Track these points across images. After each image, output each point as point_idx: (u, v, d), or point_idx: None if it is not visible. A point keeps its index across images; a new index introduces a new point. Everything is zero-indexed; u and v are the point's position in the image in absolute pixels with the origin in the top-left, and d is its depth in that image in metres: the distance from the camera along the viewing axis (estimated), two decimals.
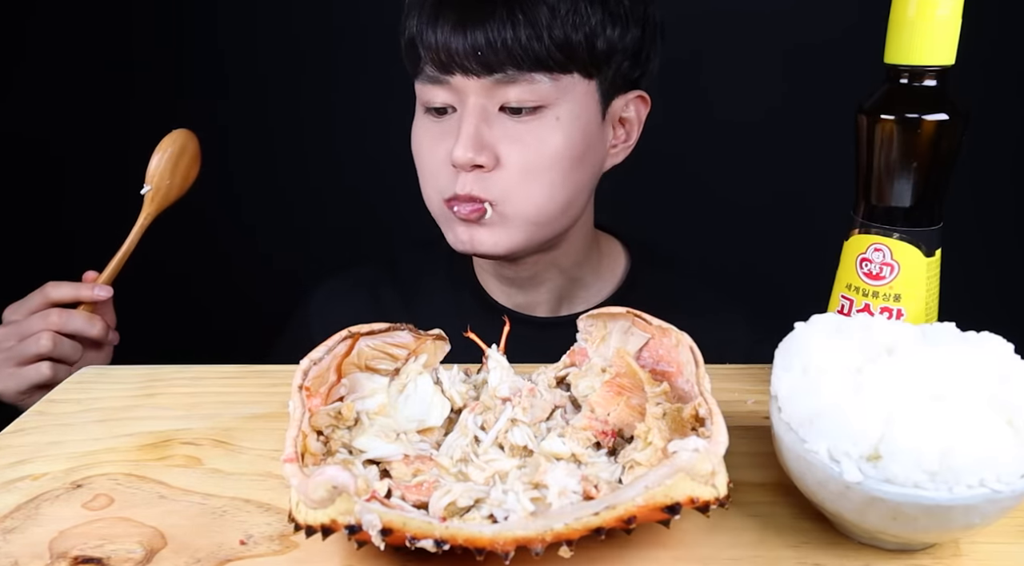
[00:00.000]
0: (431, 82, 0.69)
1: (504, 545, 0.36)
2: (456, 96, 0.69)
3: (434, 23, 0.67)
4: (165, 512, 0.45)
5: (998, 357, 0.39)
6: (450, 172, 0.70)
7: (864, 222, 0.51)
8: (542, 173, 0.70)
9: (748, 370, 0.60)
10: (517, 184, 0.70)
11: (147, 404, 0.58)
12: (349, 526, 0.36)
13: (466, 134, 0.67)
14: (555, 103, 0.69)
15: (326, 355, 0.48)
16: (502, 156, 0.69)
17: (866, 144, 0.50)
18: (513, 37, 0.65)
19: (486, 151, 0.68)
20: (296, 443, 0.41)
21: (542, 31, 0.65)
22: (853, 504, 0.38)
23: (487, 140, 0.68)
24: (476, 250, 0.73)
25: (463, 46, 0.66)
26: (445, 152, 0.70)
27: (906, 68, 0.48)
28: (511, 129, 0.69)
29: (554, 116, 0.69)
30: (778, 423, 0.41)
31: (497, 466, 0.43)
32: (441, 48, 0.67)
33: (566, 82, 0.69)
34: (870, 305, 0.51)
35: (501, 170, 0.69)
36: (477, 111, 0.68)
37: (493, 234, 0.72)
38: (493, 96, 0.68)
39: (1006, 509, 0.37)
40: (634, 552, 0.41)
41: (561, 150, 0.70)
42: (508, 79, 0.67)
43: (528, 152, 0.69)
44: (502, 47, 0.65)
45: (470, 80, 0.67)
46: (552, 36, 0.66)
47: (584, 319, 0.54)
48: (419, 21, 0.68)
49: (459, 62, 0.66)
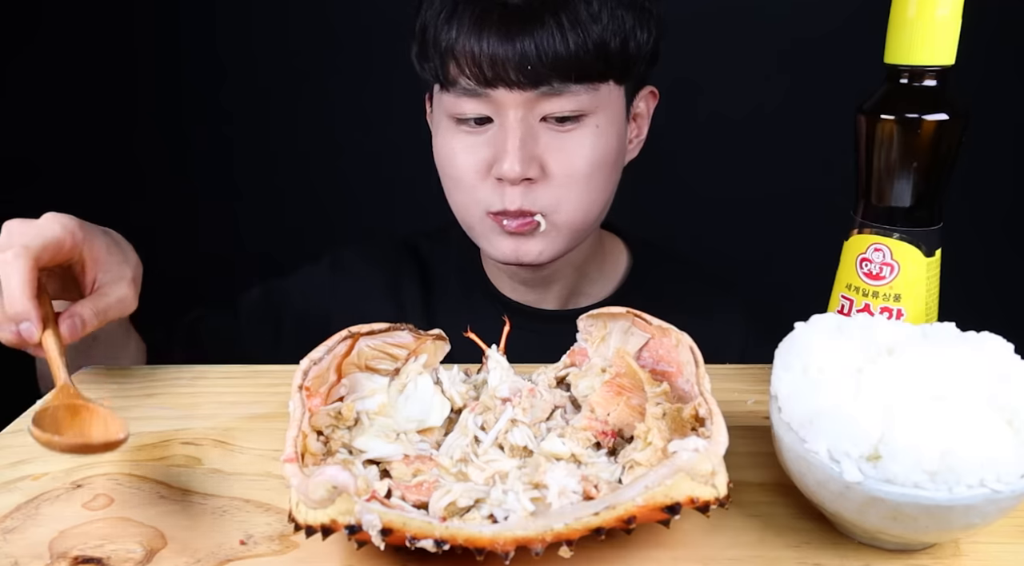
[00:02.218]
0: (467, 95, 0.67)
1: (504, 545, 0.36)
2: (494, 108, 0.68)
3: (477, 32, 0.64)
4: (165, 512, 0.45)
5: (998, 357, 0.39)
6: (491, 185, 0.70)
7: (864, 222, 0.51)
8: (588, 181, 0.70)
9: (748, 370, 0.60)
10: (565, 194, 0.70)
11: (147, 404, 0.58)
12: (349, 526, 0.36)
13: (514, 149, 0.66)
14: (594, 111, 0.69)
15: (326, 355, 0.48)
16: (548, 167, 0.69)
17: (866, 144, 0.50)
18: (563, 47, 0.64)
19: (534, 164, 0.68)
20: (296, 443, 0.41)
21: (587, 39, 0.65)
22: (853, 504, 0.38)
23: (533, 152, 0.68)
24: (520, 260, 0.72)
25: (511, 58, 0.64)
26: (484, 164, 0.69)
27: (906, 68, 0.48)
28: (554, 140, 0.69)
29: (594, 124, 0.70)
30: (778, 423, 0.41)
31: (497, 466, 0.43)
32: (485, 60, 0.64)
33: (603, 90, 0.69)
34: (870, 305, 0.51)
35: (547, 181, 0.69)
36: (522, 124, 0.67)
37: (539, 244, 0.71)
38: (534, 108, 0.67)
39: (1006, 509, 0.37)
40: (634, 552, 0.41)
41: (603, 156, 0.71)
42: (552, 92, 0.66)
43: (573, 162, 0.69)
44: (551, 58, 0.64)
45: (513, 93, 0.66)
46: (594, 43, 0.65)
47: (584, 319, 0.54)
48: (454, 31, 0.66)
49: (503, 75, 0.65)
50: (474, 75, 0.66)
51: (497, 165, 0.68)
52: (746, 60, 1.49)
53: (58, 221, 0.55)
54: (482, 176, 0.70)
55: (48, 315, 0.54)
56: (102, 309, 0.56)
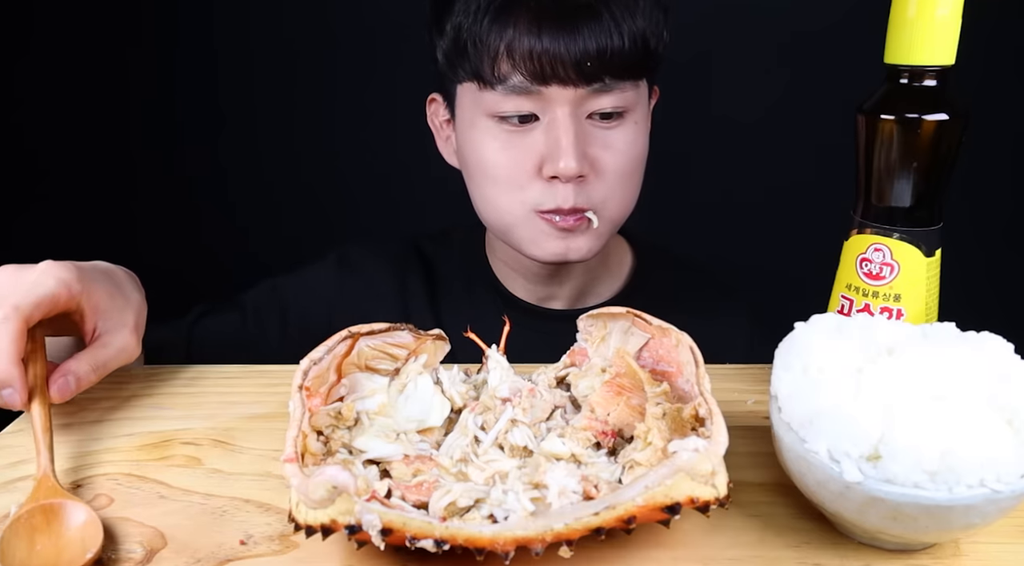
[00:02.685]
0: (516, 92, 0.67)
1: (504, 545, 0.36)
2: (542, 105, 0.67)
3: (535, 29, 0.64)
4: (165, 512, 0.45)
5: (998, 357, 0.39)
6: (540, 184, 0.69)
7: (864, 222, 0.51)
8: (631, 176, 0.72)
9: (748, 370, 0.60)
10: (613, 190, 0.70)
11: (147, 404, 0.58)
12: (349, 526, 0.36)
13: (570, 146, 0.66)
14: (634, 108, 0.70)
15: (326, 355, 0.48)
16: (597, 164, 0.69)
17: (866, 144, 0.50)
18: (619, 43, 0.64)
19: (586, 160, 0.68)
20: (296, 443, 0.41)
21: (636, 35, 0.66)
22: (853, 504, 0.38)
23: (585, 149, 0.68)
24: (568, 258, 0.72)
25: (572, 54, 0.64)
26: (532, 164, 0.68)
27: (906, 68, 0.48)
28: (601, 136, 0.69)
29: (633, 120, 0.71)
30: (778, 423, 0.41)
31: (497, 466, 0.43)
32: (543, 56, 0.64)
33: (641, 87, 0.71)
34: (870, 305, 0.51)
35: (596, 178, 0.69)
36: (573, 121, 0.67)
37: (587, 242, 0.72)
38: (583, 105, 0.67)
39: (1006, 509, 0.37)
40: (634, 552, 0.41)
41: (642, 152, 0.73)
42: (603, 88, 0.66)
43: (621, 158, 0.70)
44: (610, 55, 0.64)
45: (566, 90, 0.66)
46: (642, 40, 0.66)
47: (584, 319, 0.54)
48: (508, 27, 0.65)
49: (560, 71, 0.65)
50: (531, 72, 0.65)
51: (551, 163, 0.67)
52: (746, 61, 1.49)
53: (53, 274, 0.53)
54: (530, 175, 0.69)
55: (38, 377, 0.52)
56: (101, 363, 0.54)
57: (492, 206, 0.73)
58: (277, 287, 0.85)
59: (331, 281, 0.85)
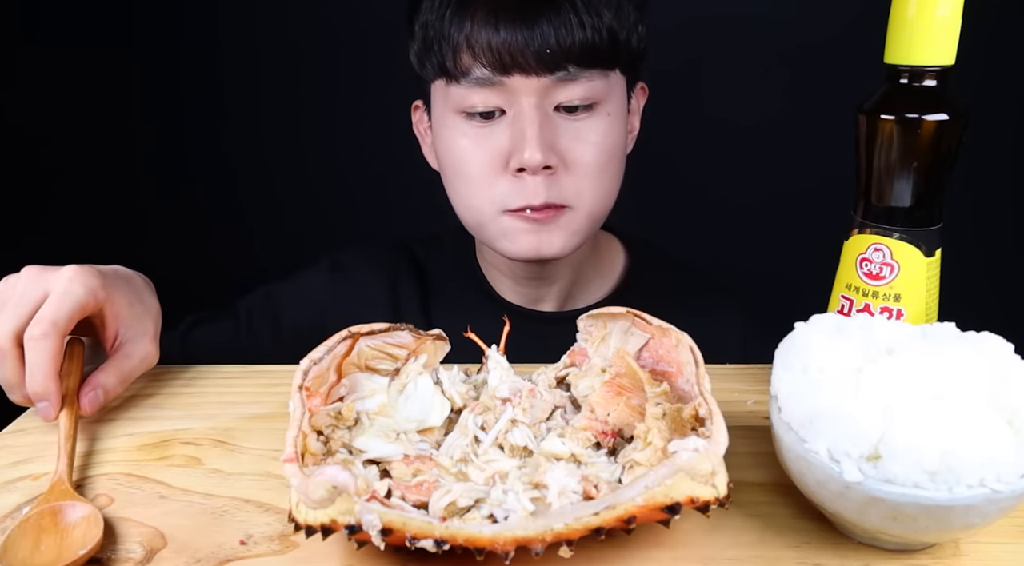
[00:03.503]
0: (480, 84, 0.66)
1: (504, 545, 0.36)
2: (507, 97, 0.67)
3: (494, 20, 0.64)
4: (165, 512, 0.45)
5: (998, 357, 0.39)
6: (508, 180, 0.68)
7: (864, 222, 0.51)
8: (604, 169, 0.70)
9: (748, 370, 0.60)
10: (587, 184, 0.69)
11: (147, 404, 0.58)
12: (349, 526, 0.36)
13: (534, 136, 0.65)
14: (605, 99, 0.69)
15: (326, 355, 0.48)
16: (565, 156, 0.68)
17: (866, 144, 0.50)
18: (580, 32, 0.64)
19: (552, 152, 0.67)
20: (296, 443, 0.41)
21: (601, 24, 0.65)
22: (853, 504, 0.38)
23: (551, 141, 0.67)
24: (543, 255, 0.71)
25: (528, 41, 0.63)
26: (499, 157, 0.68)
27: (906, 68, 0.48)
28: (570, 128, 0.68)
29: (606, 112, 0.70)
30: (778, 423, 0.41)
31: (497, 466, 0.43)
32: (501, 45, 0.64)
33: (612, 78, 0.70)
34: (870, 305, 0.51)
35: (567, 171, 0.69)
36: (538, 112, 0.66)
37: (561, 238, 0.71)
38: (548, 95, 0.66)
39: (1006, 509, 0.37)
40: (634, 552, 0.41)
41: (615, 144, 0.71)
42: (568, 77, 0.66)
43: (592, 150, 0.69)
44: (569, 43, 0.64)
45: (528, 79, 0.65)
46: (607, 28, 0.66)
47: (584, 319, 0.54)
48: (467, 20, 0.65)
49: (520, 60, 0.64)
50: (491, 62, 0.65)
51: (516, 155, 0.66)
52: (745, 63, 1.49)
53: (81, 281, 0.54)
54: (498, 171, 0.68)
55: (70, 390, 0.54)
56: (127, 374, 0.57)
57: (465, 204, 0.73)
58: (270, 294, 0.86)
59: (324, 286, 0.85)
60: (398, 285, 0.85)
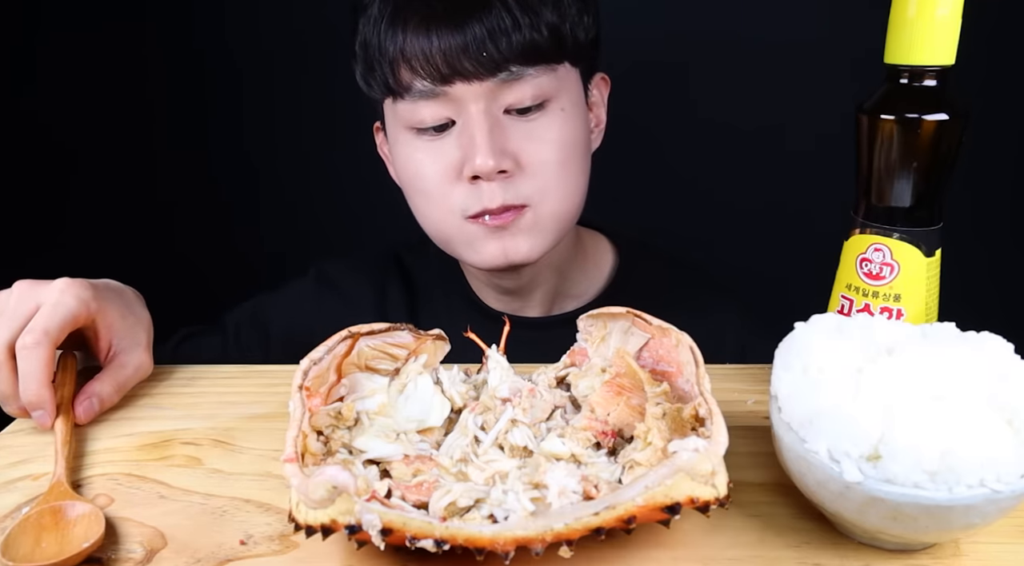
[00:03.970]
0: (424, 97, 0.65)
1: (504, 545, 0.36)
2: (454, 107, 0.65)
3: (424, 30, 0.63)
4: (165, 512, 0.45)
5: (998, 357, 0.39)
6: (465, 189, 0.67)
7: (864, 222, 0.51)
8: (564, 167, 0.69)
9: (748, 370, 0.60)
10: (545, 183, 0.68)
11: (147, 404, 0.58)
12: (349, 526, 0.36)
13: (484, 141, 0.64)
14: (556, 95, 0.68)
15: (326, 355, 0.48)
16: (521, 158, 0.66)
17: (866, 144, 0.50)
18: (513, 28, 0.63)
19: (506, 156, 0.65)
20: (296, 443, 0.41)
21: (539, 20, 0.64)
22: (853, 504, 0.38)
23: (503, 145, 0.65)
24: (511, 261, 0.70)
25: (464, 46, 0.62)
26: (452, 168, 0.66)
27: (906, 68, 0.48)
28: (523, 129, 0.66)
29: (559, 107, 0.68)
30: (778, 423, 0.41)
31: (497, 466, 0.43)
32: (437, 55, 0.63)
33: (562, 72, 0.68)
34: (870, 305, 0.51)
35: (524, 173, 0.67)
36: (487, 116, 0.65)
37: (527, 241, 0.69)
38: (496, 99, 0.65)
39: (1006, 509, 0.37)
40: (634, 552, 0.41)
41: (575, 140, 0.70)
42: (512, 77, 0.64)
43: (548, 149, 0.67)
44: (504, 40, 0.63)
45: (472, 85, 0.64)
46: (546, 24, 0.64)
47: (584, 319, 0.54)
48: (399, 33, 0.64)
49: (459, 67, 0.63)
50: (429, 73, 0.64)
51: (469, 163, 0.65)
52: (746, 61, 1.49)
53: (73, 293, 0.55)
54: (452, 181, 0.67)
55: (65, 398, 0.55)
56: (122, 383, 0.58)
57: (429, 220, 0.71)
58: (258, 306, 0.86)
59: (311, 296, 0.85)
60: (386, 293, 0.85)
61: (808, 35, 1.45)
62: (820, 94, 1.37)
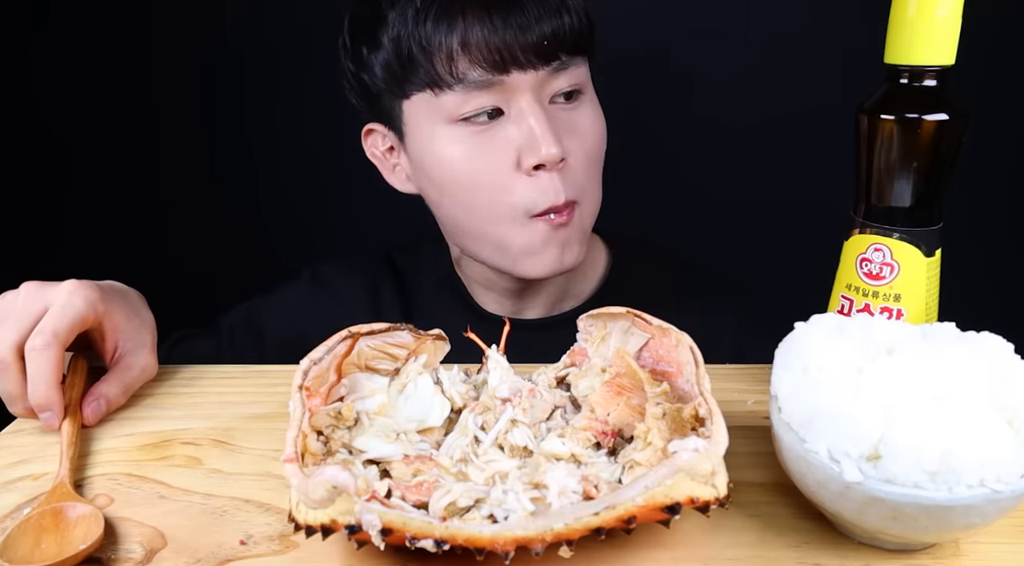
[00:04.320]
0: (477, 87, 0.64)
1: (504, 545, 0.36)
2: (505, 97, 0.65)
3: (486, 19, 0.62)
4: (165, 512, 0.45)
5: (998, 357, 0.39)
6: (526, 183, 0.65)
7: (864, 222, 0.51)
8: (597, 161, 0.69)
9: (748, 370, 0.60)
10: (588, 178, 0.68)
11: (147, 404, 0.58)
12: (349, 526, 0.36)
13: (545, 129, 0.63)
14: (586, 86, 0.69)
15: (326, 355, 0.48)
16: (568, 147, 0.66)
17: (866, 144, 0.50)
18: (567, 20, 0.64)
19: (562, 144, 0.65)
20: (296, 443, 0.41)
21: (580, 12, 0.65)
22: (853, 504, 0.38)
23: (558, 133, 0.65)
24: (564, 268, 0.68)
25: (528, 36, 0.62)
26: (508, 159, 0.65)
27: (906, 68, 0.48)
28: (565, 120, 0.67)
29: (589, 99, 0.69)
30: (778, 423, 0.41)
31: (497, 466, 0.43)
32: (500, 44, 0.62)
33: (587, 65, 0.69)
34: (870, 305, 0.51)
35: (568, 166, 0.66)
36: (541, 105, 0.65)
37: (578, 242, 0.69)
38: (543, 89, 0.65)
39: (1006, 509, 0.37)
40: (634, 552, 0.41)
41: (603, 133, 0.70)
42: (561, 67, 0.65)
43: (587, 141, 0.68)
44: (561, 32, 0.63)
45: (526, 74, 0.64)
46: (581, 16, 0.65)
47: (584, 319, 0.54)
48: (457, 22, 0.63)
49: (519, 57, 0.63)
50: (489, 62, 0.63)
51: (531, 153, 0.64)
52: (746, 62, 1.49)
53: (81, 295, 0.55)
54: (509, 173, 0.65)
55: (73, 400, 0.55)
56: (129, 385, 0.58)
57: (477, 219, 0.68)
58: (252, 308, 0.86)
59: (304, 298, 0.85)
60: (379, 295, 0.84)
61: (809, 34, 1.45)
62: (820, 94, 1.37)
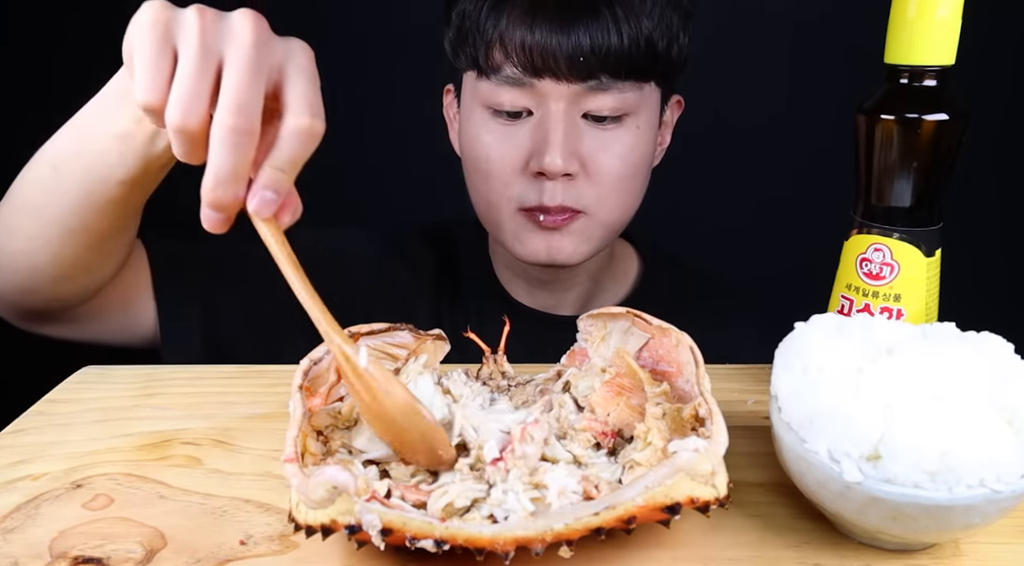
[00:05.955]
0: (510, 83, 0.65)
1: (504, 545, 0.36)
2: (536, 100, 0.66)
3: (529, 21, 0.63)
4: (165, 512, 0.45)
5: (998, 357, 0.39)
6: (527, 180, 0.68)
7: (864, 222, 0.51)
8: (627, 181, 0.70)
9: (748, 370, 0.60)
10: (608, 193, 0.69)
11: (147, 404, 0.58)
12: (349, 526, 0.36)
13: (557, 142, 0.65)
14: (636, 111, 0.68)
15: (326, 355, 0.48)
16: (588, 165, 0.67)
17: (866, 144, 0.50)
18: (616, 41, 0.63)
19: (575, 159, 0.66)
20: (296, 443, 0.41)
21: (640, 36, 0.64)
22: (853, 504, 0.38)
23: (575, 148, 0.66)
24: (553, 260, 0.70)
25: (564, 49, 0.62)
26: (521, 157, 0.67)
27: (906, 68, 0.48)
28: (596, 137, 0.67)
29: (635, 125, 0.68)
30: (778, 423, 0.41)
31: None
32: (536, 49, 0.63)
33: (647, 91, 0.69)
34: (870, 305, 0.51)
35: (588, 179, 0.68)
36: (566, 118, 0.65)
37: (573, 243, 0.70)
38: (578, 103, 0.66)
39: (1006, 509, 0.37)
40: (634, 552, 0.41)
41: (642, 158, 0.70)
42: (600, 87, 0.65)
43: (617, 161, 0.68)
44: (605, 53, 0.63)
45: (559, 85, 0.64)
46: (646, 41, 0.64)
47: (584, 319, 0.54)
48: (503, 17, 0.64)
49: (552, 65, 0.63)
50: (522, 63, 0.64)
51: (537, 157, 0.66)
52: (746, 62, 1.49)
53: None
54: (516, 170, 0.68)
55: None
56: None
57: (483, 200, 0.72)
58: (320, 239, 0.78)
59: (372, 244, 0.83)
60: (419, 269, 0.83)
61: (810, 34, 1.45)
62: (820, 94, 1.37)
